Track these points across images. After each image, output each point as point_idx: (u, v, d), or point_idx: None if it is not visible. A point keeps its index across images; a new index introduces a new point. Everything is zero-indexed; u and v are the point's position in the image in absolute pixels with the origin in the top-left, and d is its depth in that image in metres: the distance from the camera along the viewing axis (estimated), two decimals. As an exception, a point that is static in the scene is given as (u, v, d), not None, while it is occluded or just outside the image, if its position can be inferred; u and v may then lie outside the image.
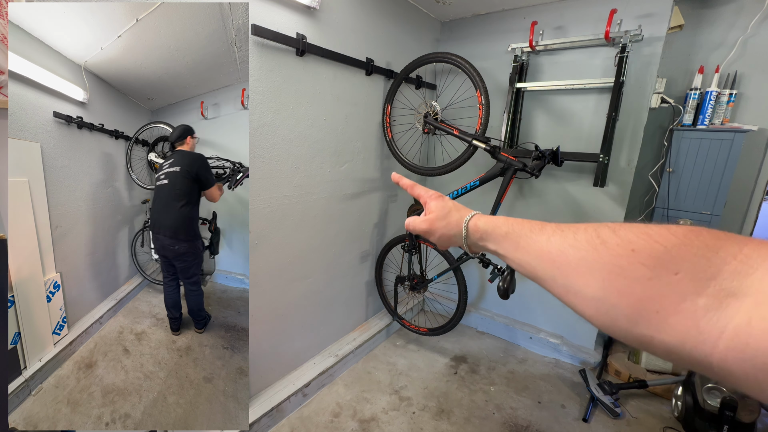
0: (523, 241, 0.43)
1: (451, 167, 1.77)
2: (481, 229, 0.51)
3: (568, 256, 0.36)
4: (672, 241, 0.28)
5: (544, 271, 0.39)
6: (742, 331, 0.23)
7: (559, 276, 0.37)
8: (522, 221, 0.45)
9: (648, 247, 0.29)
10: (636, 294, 0.29)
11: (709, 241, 0.27)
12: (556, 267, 0.37)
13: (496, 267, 1.79)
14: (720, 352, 0.24)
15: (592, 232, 0.34)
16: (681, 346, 0.26)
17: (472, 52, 2.19)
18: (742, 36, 1.89)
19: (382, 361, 2.13)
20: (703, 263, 0.26)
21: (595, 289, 0.32)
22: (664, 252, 0.28)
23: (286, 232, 1.64)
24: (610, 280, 0.31)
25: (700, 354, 0.25)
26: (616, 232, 0.32)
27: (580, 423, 1.73)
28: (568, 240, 0.37)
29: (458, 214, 0.56)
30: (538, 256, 0.40)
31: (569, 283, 0.35)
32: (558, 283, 0.37)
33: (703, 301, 0.25)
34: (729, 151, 1.86)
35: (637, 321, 0.29)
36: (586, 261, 0.34)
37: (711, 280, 0.25)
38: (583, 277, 0.34)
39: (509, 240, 0.45)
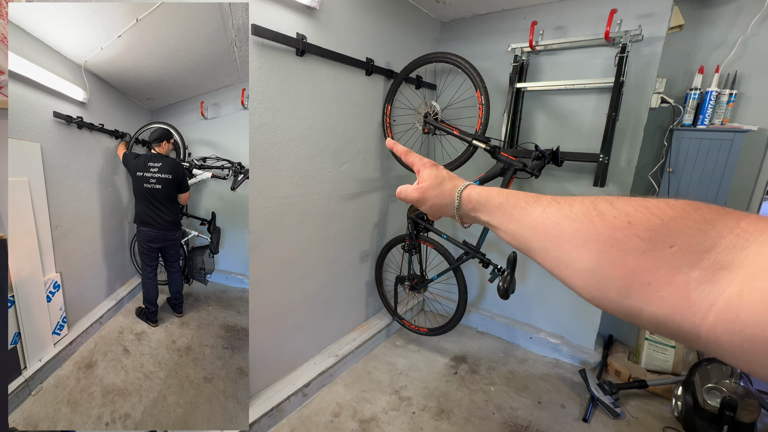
0: (517, 212, 0.42)
1: (451, 167, 1.76)
2: (474, 199, 0.49)
3: (562, 227, 0.35)
4: (670, 214, 0.28)
5: (536, 242, 0.38)
6: (733, 303, 0.23)
7: (552, 248, 0.36)
8: (517, 192, 0.44)
9: (645, 220, 0.29)
10: (629, 266, 0.29)
11: (706, 214, 0.27)
12: (550, 239, 0.36)
13: (496, 267, 1.79)
14: (709, 323, 0.24)
15: (588, 204, 0.34)
16: (670, 317, 0.26)
17: (472, 52, 2.19)
18: (742, 36, 1.89)
19: (382, 361, 2.13)
20: (699, 236, 0.26)
21: (588, 261, 0.32)
22: (660, 225, 0.28)
23: (286, 232, 1.64)
24: (604, 252, 0.31)
25: (689, 325, 0.25)
26: (614, 204, 0.32)
27: (580, 423, 1.73)
28: (563, 211, 0.36)
29: (451, 183, 0.54)
30: (532, 227, 0.39)
31: (562, 255, 0.35)
32: (550, 255, 0.36)
33: (696, 273, 0.25)
34: (729, 151, 1.86)
35: (628, 293, 0.29)
36: (581, 233, 0.33)
37: (705, 254, 0.25)
38: (576, 249, 0.33)
39: (502, 211, 0.44)
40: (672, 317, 0.26)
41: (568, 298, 2.19)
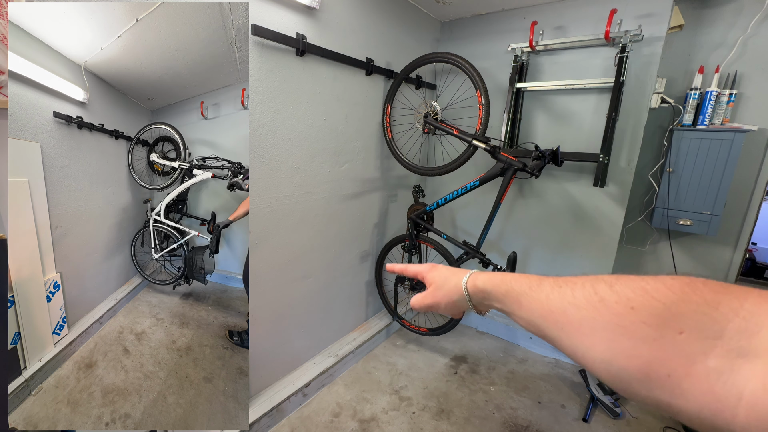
0: (525, 300, 0.42)
1: (451, 167, 1.77)
2: (481, 287, 0.50)
3: (569, 315, 0.35)
4: (670, 297, 0.28)
5: (549, 330, 0.38)
6: (760, 398, 0.22)
7: (565, 337, 0.36)
8: (519, 277, 0.45)
9: (647, 305, 0.29)
10: (643, 356, 0.28)
11: (707, 295, 0.26)
12: (560, 327, 0.36)
13: (496, 267, 1.79)
14: (741, 420, 0.23)
15: (589, 288, 0.34)
16: (701, 413, 0.26)
17: (472, 52, 2.19)
18: (742, 36, 1.89)
19: (382, 361, 2.13)
20: (705, 321, 0.26)
21: (601, 351, 0.32)
22: (664, 309, 0.28)
23: (286, 232, 1.64)
24: (615, 341, 0.30)
25: (722, 422, 0.24)
26: (613, 288, 0.32)
27: (580, 423, 1.73)
28: (566, 297, 0.36)
29: (455, 278, 0.54)
30: (542, 315, 0.39)
31: (575, 345, 0.34)
32: (565, 344, 0.36)
33: (713, 362, 0.25)
34: (729, 151, 1.86)
35: (650, 386, 0.28)
36: (588, 321, 0.33)
37: (717, 340, 0.25)
38: (588, 338, 0.33)
39: (510, 298, 0.44)
40: (702, 412, 0.25)
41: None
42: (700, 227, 1.99)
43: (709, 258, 2.16)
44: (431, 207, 1.95)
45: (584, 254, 2.08)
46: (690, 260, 2.20)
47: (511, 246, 2.28)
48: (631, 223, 2.27)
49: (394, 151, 2.03)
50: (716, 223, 1.95)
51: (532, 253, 2.27)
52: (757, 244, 3.96)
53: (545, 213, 2.18)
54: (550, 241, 2.19)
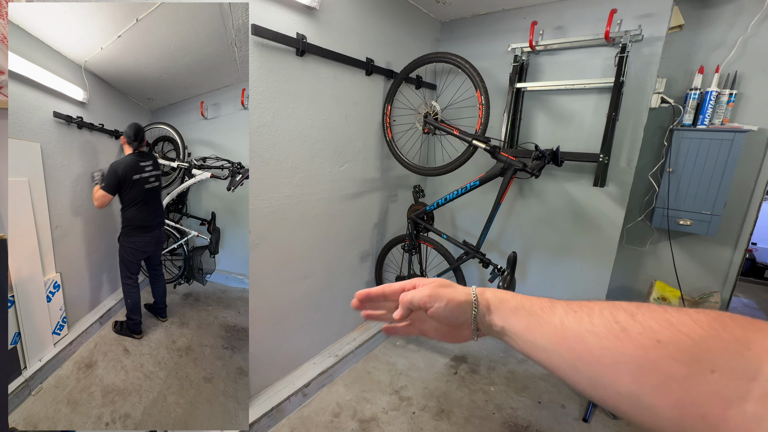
0: (535, 322, 0.39)
1: (451, 167, 1.77)
2: (488, 298, 0.46)
3: (587, 343, 0.33)
4: (698, 332, 0.27)
5: (562, 358, 0.36)
6: None
7: (582, 367, 0.33)
8: (530, 297, 0.42)
9: (675, 339, 0.27)
10: (674, 393, 0.27)
11: (736, 332, 0.26)
12: (577, 356, 0.34)
13: (496, 267, 1.79)
14: None
15: (608, 316, 0.32)
16: None
17: (472, 52, 2.19)
18: (742, 36, 1.89)
19: (382, 361, 2.13)
20: (738, 360, 0.25)
21: (626, 385, 0.30)
22: (693, 345, 0.27)
23: (286, 232, 1.64)
24: (641, 375, 0.29)
25: None
26: (635, 318, 0.30)
27: (580, 423, 1.73)
28: (583, 324, 0.34)
29: (460, 286, 0.50)
30: (554, 341, 0.36)
31: (595, 376, 0.32)
32: (581, 374, 0.34)
33: (751, 408, 0.24)
34: (729, 151, 1.86)
35: (682, 425, 0.27)
36: (610, 351, 0.31)
37: (752, 381, 0.24)
38: (610, 370, 0.31)
39: (519, 317, 0.41)
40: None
41: (567, 297, 2.18)
42: (700, 227, 1.99)
43: (709, 258, 2.16)
44: (431, 207, 1.95)
45: (584, 254, 2.08)
46: (690, 260, 2.20)
47: (511, 246, 2.28)
48: (631, 223, 2.27)
49: (394, 151, 2.03)
50: (716, 223, 1.95)
51: (532, 253, 2.27)
52: (757, 244, 3.96)
53: (545, 213, 2.18)
54: (550, 241, 2.19)
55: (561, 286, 2.19)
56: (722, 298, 2.08)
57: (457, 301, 0.47)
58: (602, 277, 2.03)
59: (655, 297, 2.09)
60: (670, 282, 2.16)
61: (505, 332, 0.43)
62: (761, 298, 3.47)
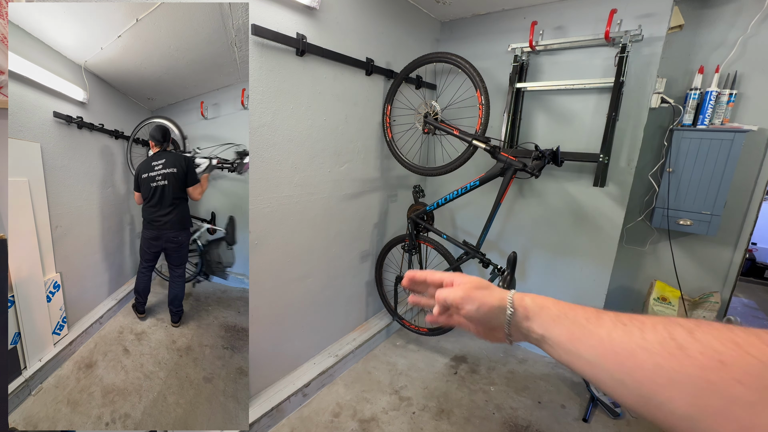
0: (578, 331, 0.37)
1: (451, 167, 1.77)
2: (528, 305, 0.44)
3: (639, 359, 0.31)
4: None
5: (608, 372, 0.34)
6: None
7: (632, 383, 0.32)
8: (573, 306, 0.40)
9: (741, 361, 0.26)
10: (739, 420, 0.25)
11: None
12: (626, 371, 0.32)
13: (496, 267, 1.79)
14: None
15: (663, 332, 0.30)
16: None
17: (472, 52, 2.20)
18: (742, 36, 1.89)
19: (382, 361, 2.13)
20: None
21: (683, 406, 0.28)
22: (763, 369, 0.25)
23: (286, 232, 1.64)
24: (701, 398, 0.27)
25: None
26: (694, 335, 0.29)
27: (580, 423, 1.73)
28: (634, 338, 0.32)
29: (498, 289, 0.49)
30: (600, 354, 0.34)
31: (647, 394, 0.31)
32: (630, 390, 0.32)
33: None
34: (729, 151, 1.86)
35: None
36: (666, 370, 0.29)
37: None
38: (664, 389, 0.29)
39: (561, 326, 0.39)
40: None
41: (568, 297, 2.18)
42: (700, 227, 1.99)
43: (709, 258, 2.16)
44: (431, 207, 1.95)
45: (584, 254, 2.08)
46: (690, 260, 2.20)
47: (511, 246, 2.28)
48: (631, 223, 2.27)
49: (394, 151, 2.03)
50: (716, 223, 1.95)
51: (532, 253, 2.27)
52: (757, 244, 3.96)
53: (545, 213, 2.18)
54: (550, 241, 2.19)
55: (561, 286, 2.19)
56: (722, 298, 2.09)
57: (490, 306, 0.46)
58: (602, 277, 2.03)
59: (655, 297, 2.09)
60: (670, 282, 2.16)
61: (545, 340, 0.41)
62: (761, 298, 3.48)
